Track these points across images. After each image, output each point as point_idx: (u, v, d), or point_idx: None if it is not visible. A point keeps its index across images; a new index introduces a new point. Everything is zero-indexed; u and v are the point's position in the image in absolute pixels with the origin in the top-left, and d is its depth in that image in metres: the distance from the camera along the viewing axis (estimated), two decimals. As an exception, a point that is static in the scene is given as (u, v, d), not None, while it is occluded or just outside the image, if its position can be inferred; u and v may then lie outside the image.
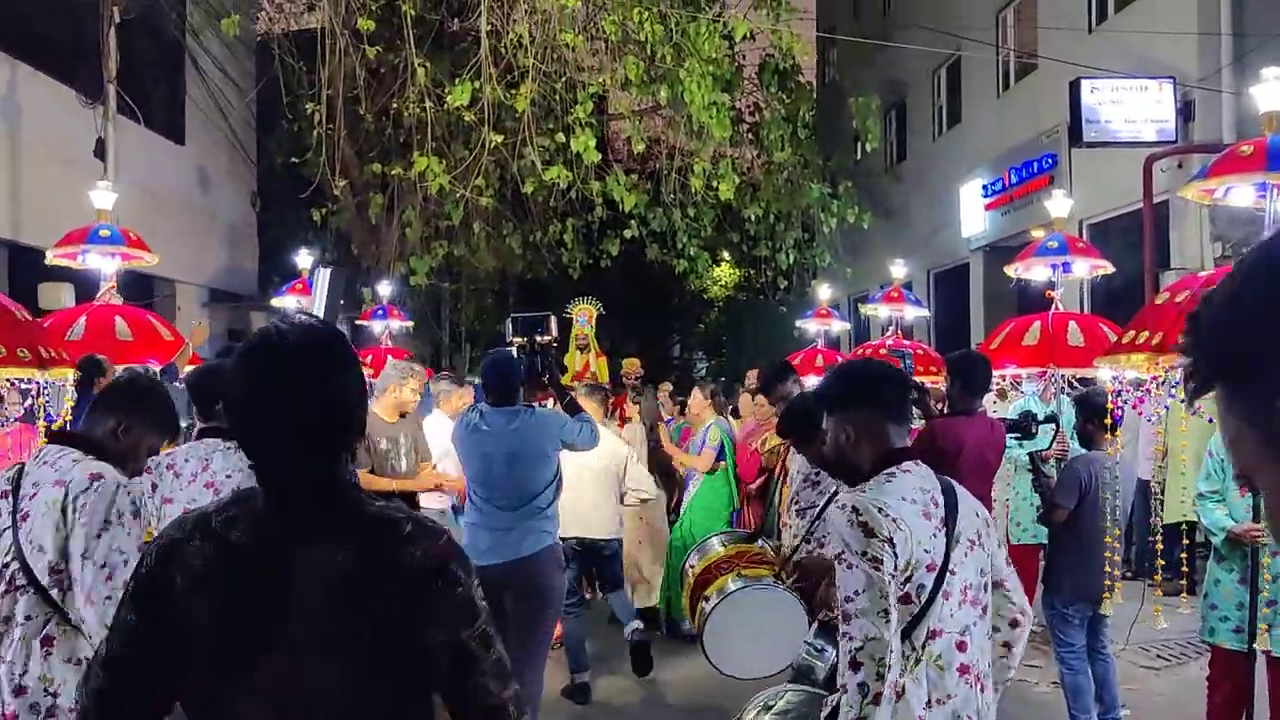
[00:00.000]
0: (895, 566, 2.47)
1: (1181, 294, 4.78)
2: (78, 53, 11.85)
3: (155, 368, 6.34)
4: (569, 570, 6.57)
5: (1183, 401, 5.42)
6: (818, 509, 4.61)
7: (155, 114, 14.25)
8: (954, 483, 2.72)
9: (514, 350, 5.46)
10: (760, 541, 5.32)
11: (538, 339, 5.56)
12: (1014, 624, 2.82)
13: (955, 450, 4.95)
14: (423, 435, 6.73)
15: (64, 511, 2.93)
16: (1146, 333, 4.76)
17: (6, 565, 2.96)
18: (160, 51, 13.97)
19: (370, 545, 1.77)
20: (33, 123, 11.54)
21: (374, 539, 1.78)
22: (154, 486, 3.71)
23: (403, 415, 6.50)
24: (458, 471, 6.16)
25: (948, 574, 2.54)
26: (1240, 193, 4.79)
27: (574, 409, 5.39)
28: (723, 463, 7.82)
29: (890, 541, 2.47)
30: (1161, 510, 6.22)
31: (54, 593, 2.95)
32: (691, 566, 5.39)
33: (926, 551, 2.52)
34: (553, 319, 5.61)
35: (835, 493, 4.58)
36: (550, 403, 5.87)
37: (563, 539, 6.44)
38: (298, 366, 1.80)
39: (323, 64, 12.82)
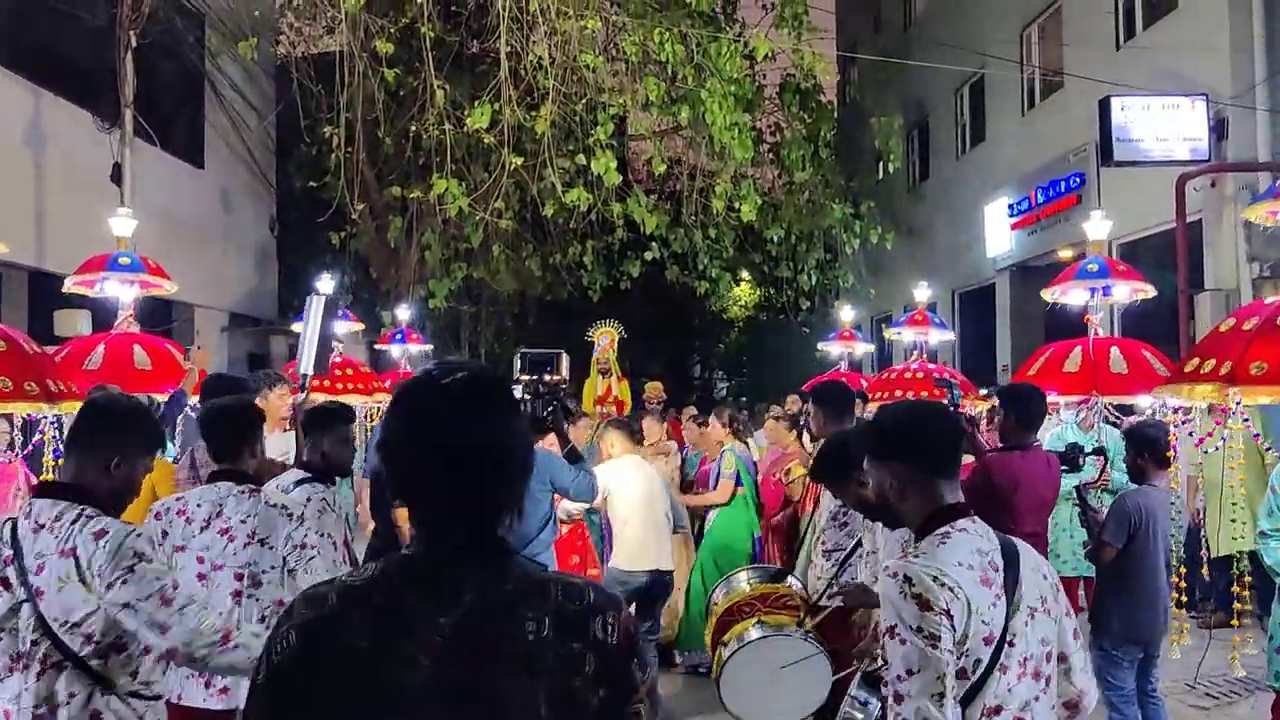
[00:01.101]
0: (953, 641, 2.27)
1: (1250, 321, 4.55)
2: (97, 77, 11.81)
3: (159, 397, 6.18)
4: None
5: (1249, 432, 5.21)
6: (845, 552, 4.40)
7: (174, 138, 14.21)
8: (1017, 542, 2.51)
9: (519, 388, 5.23)
10: (791, 579, 5.08)
11: (546, 378, 5.31)
12: (1071, 705, 2.56)
13: (1012, 488, 4.73)
14: None
15: (84, 581, 2.73)
16: (1213, 361, 4.53)
17: (36, 643, 2.73)
18: (179, 75, 13.94)
19: (561, 619, 1.59)
20: (54, 148, 11.50)
21: (563, 612, 1.59)
22: (164, 533, 3.55)
23: None
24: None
25: (1006, 645, 2.34)
26: (1302, 215, 4.58)
27: (575, 458, 5.21)
28: (741, 488, 7.64)
29: (948, 614, 2.27)
30: (1206, 543, 5.99)
31: (95, 664, 2.75)
32: (716, 603, 5.16)
33: (985, 623, 2.31)
34: (564, 358, 5.37)
35: (858, 542, 4.38)
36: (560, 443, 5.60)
37: (631, 571, 6.44)
38: (466, 412, 1.63)
39: (342, 87, 12.75)
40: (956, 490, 2.54)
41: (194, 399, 5.88)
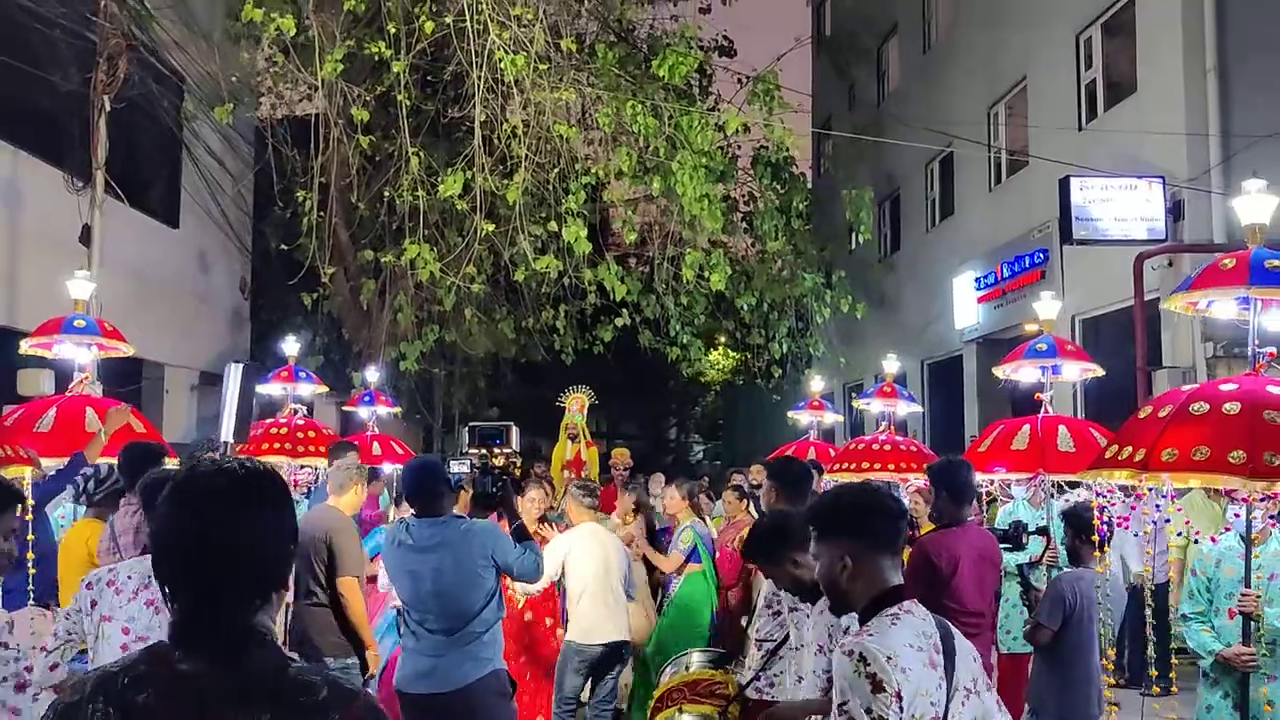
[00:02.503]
0: None
1: (1165, 408, 4.67)
2: (71, 137, 11.91)
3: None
4: (579, 675, 6.42)
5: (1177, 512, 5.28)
6: (774, 644, 4.40)
7: (149, 198, 14.29)
8: (949, 625, 2.58)
9: (467, 463, 5.21)
10: (735, 667, 5.04)
11: (495, 451, 5.32)
12: None
13: (951, 567, 4.77)
14: None
15: None
16: (1130, 448, 4.64)
17: None
18: (155, 136, 14.05)
19: (287, 713, 1.65)
20: (26, 206, 11.54)
21: (290, 706, 1.66)
22: (93, 604, 3.56)
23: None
24: None
25: None
26: (1223, 305, 4.71)
27: (522, 535, 4.97)
28: (696, 565, 7.67)
29: (899, 696, 2.33)
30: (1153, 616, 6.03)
31: None
32: (659, 685, 5.16)
33: (932, 704, 2.38)
34: (514, 430, 5.40)
35: (787, 635, 4.35)
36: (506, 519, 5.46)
37: (586, 645, 6.41)
38: (210, 508, 1.72)
39: (318, 151, 12.91)
40: (899, 572, 2.62)
41: (103, 460, 5.78)
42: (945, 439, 15.64)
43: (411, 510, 4.93)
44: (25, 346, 7.10)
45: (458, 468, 8.68)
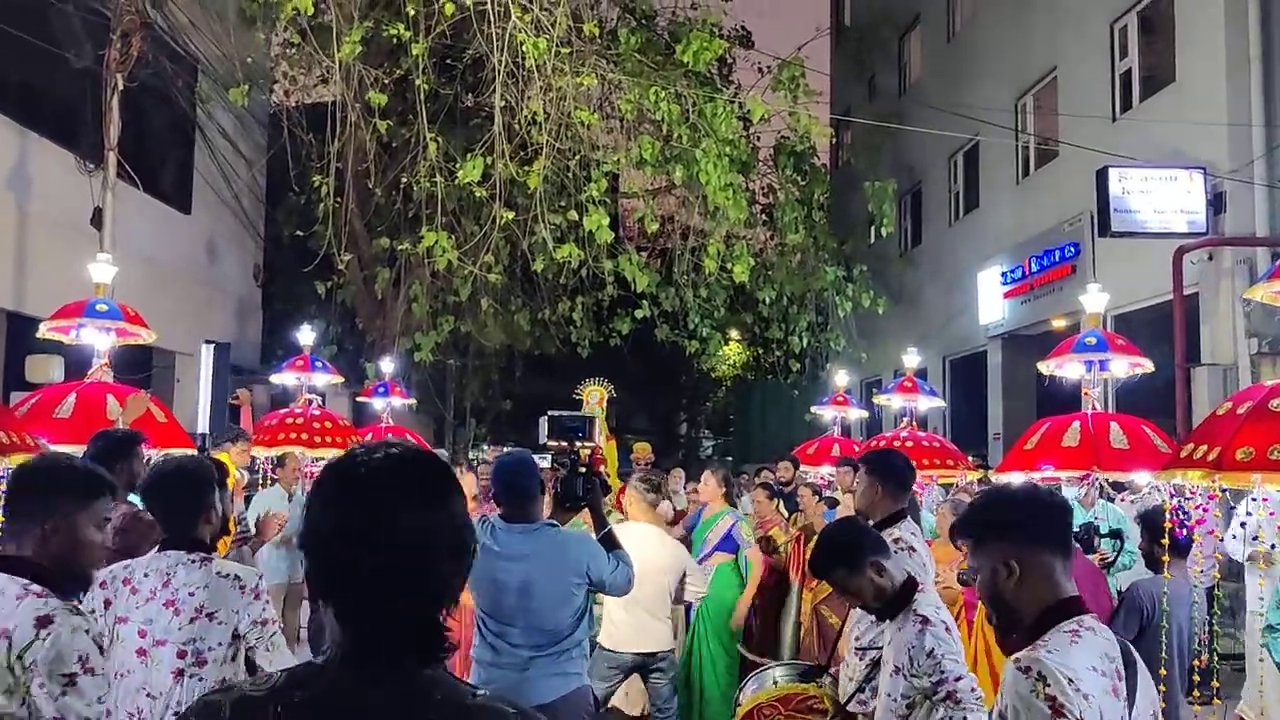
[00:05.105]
0: None
1: (1244, 404, 4.37)
2: (83, 119, 11.67)
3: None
4: (604, 682, 5.93)
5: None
6: (879, 650, 3.98)
7: (161, 182, 14.05)
8: (1132, 648, 2.30)
9: (549, 458, 4.57)
10: (827, 678, 4.58)
11: (579, 445, 4.57)
12: None
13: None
14: None
15: (12, 670, 2.48)
16: (1204, 447, 4.35)
17: None
18: (168, 119, 13.81)
19: None
20: (37, 189, 11.34)
21: None
22: (107, 603, 3.27)
23: None
24: None
25: None
26: (1311, 295, 4.41)
27: (611, 543, 4.43)
28: (727, 555, 7.34)
29: None
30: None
31: None
32: (740, 703, 4.69)
33: None
34: (596, 423, 4.74)
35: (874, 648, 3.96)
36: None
37: (616, 652, 5.86)
38: (389, 502, 1.45)
39: (334, 137, 12.65)
40: (1072, 581, 2.32)
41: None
42: (967, 435, 15.33)
43: (497, 510, 4.36)
44: (44, 330, 6.89)
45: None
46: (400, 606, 1.42)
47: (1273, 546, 6.51)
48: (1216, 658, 5.88)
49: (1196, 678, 4.62)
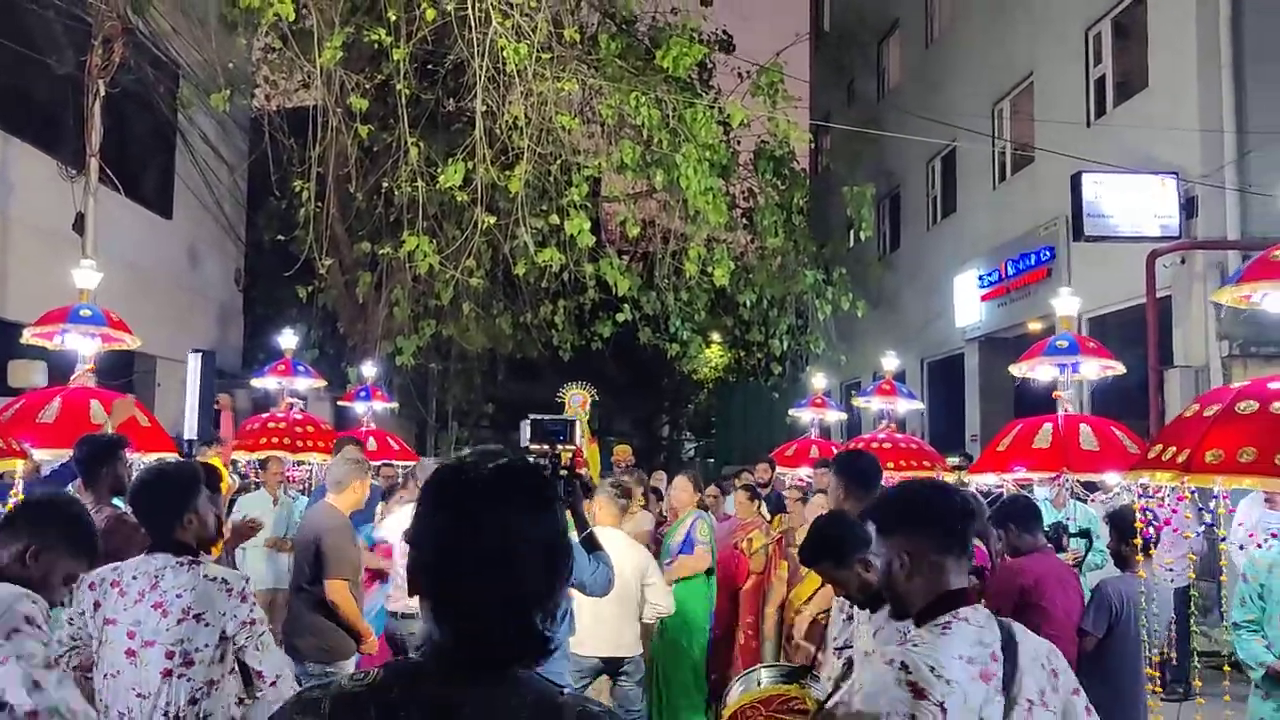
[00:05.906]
0: None
1: (1211, 407, 4.48)
2: (64, 124, 11.67)
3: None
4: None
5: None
6: (853, 650, 4.12)
7: (142, 187, 14.05)
8: (1017, 629, 2.40)
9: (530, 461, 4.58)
10: (810, 680, 4.69)
11: (560, 448, 4.61)
12: None
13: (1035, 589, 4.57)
14: None
15: None
16: (1173, 449, 4.46)
17: None
18: (149, 125, 13.81)
19: None
20: (21, 196, 11.33)
21: None
22: (96, 605, 3.34)
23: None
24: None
25: None
26: (1275, 298, 4.53)
27: (593, 545, 4.52)
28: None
29: (942, 707, 2.18)
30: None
31: None
32: (725, 705, 4.78)
33: (982, 719, 2.22)
34: (578, 425, 4.80)
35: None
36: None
37: (582, 656, 5.84)
38: (494, 510, 1.51)
39: (315, 141, 12.69)
40: (964, 575, 2.44)
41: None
42: (945, 437, 15.48)
43: None
44: (28, 336, 6.89)
45: None
46: (499, 610, 1.47)
47: (1240, 547, 6.66)
48: (1196, 657, 6.01)
49: (1155, 673, 4.72)
